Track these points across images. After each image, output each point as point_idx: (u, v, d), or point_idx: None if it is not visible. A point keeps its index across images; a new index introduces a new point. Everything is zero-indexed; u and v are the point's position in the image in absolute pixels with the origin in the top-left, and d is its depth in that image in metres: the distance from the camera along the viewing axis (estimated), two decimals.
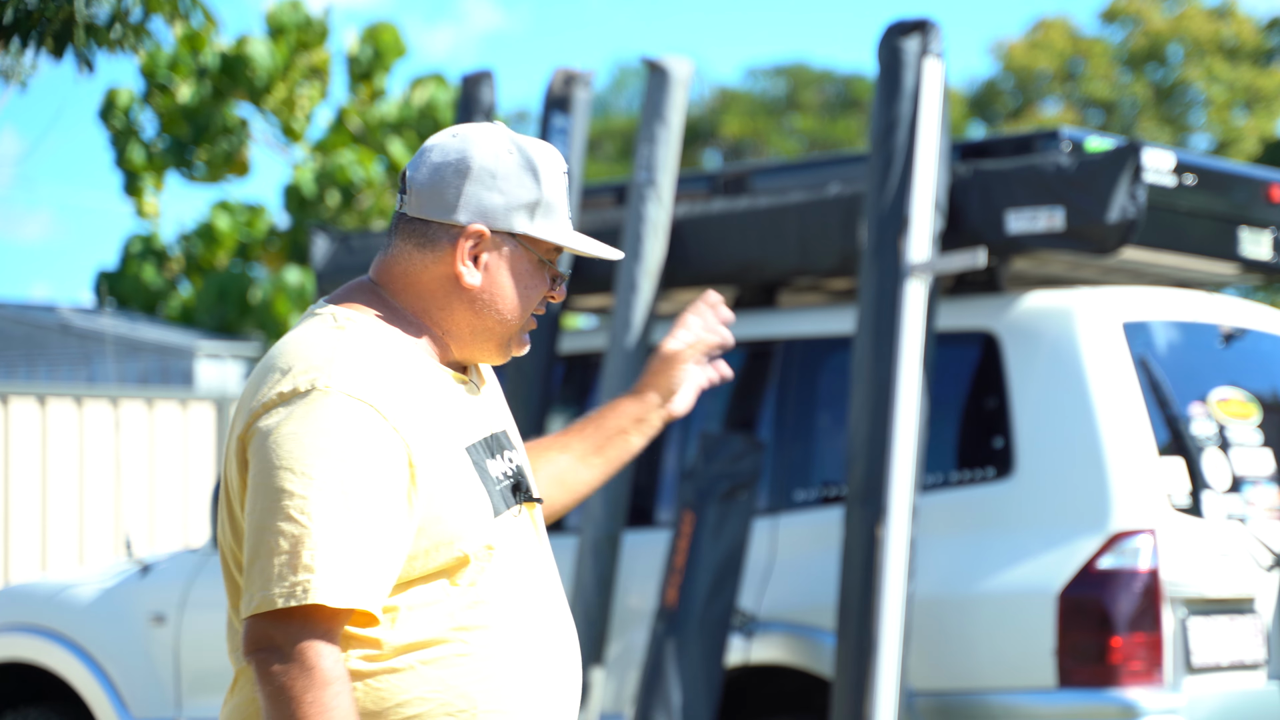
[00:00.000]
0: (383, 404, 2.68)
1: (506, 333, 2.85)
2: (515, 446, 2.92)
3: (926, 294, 6.02)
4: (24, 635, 7.34)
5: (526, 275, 2.84)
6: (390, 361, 2.74)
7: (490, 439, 2.84)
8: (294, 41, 25.48)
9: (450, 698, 2.70)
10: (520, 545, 2.82)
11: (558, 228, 2.84)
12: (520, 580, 2.79)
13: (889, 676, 5.74)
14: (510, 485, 2.83)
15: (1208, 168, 6.43)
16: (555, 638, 2.83)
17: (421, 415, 2.72)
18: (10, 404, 11.73)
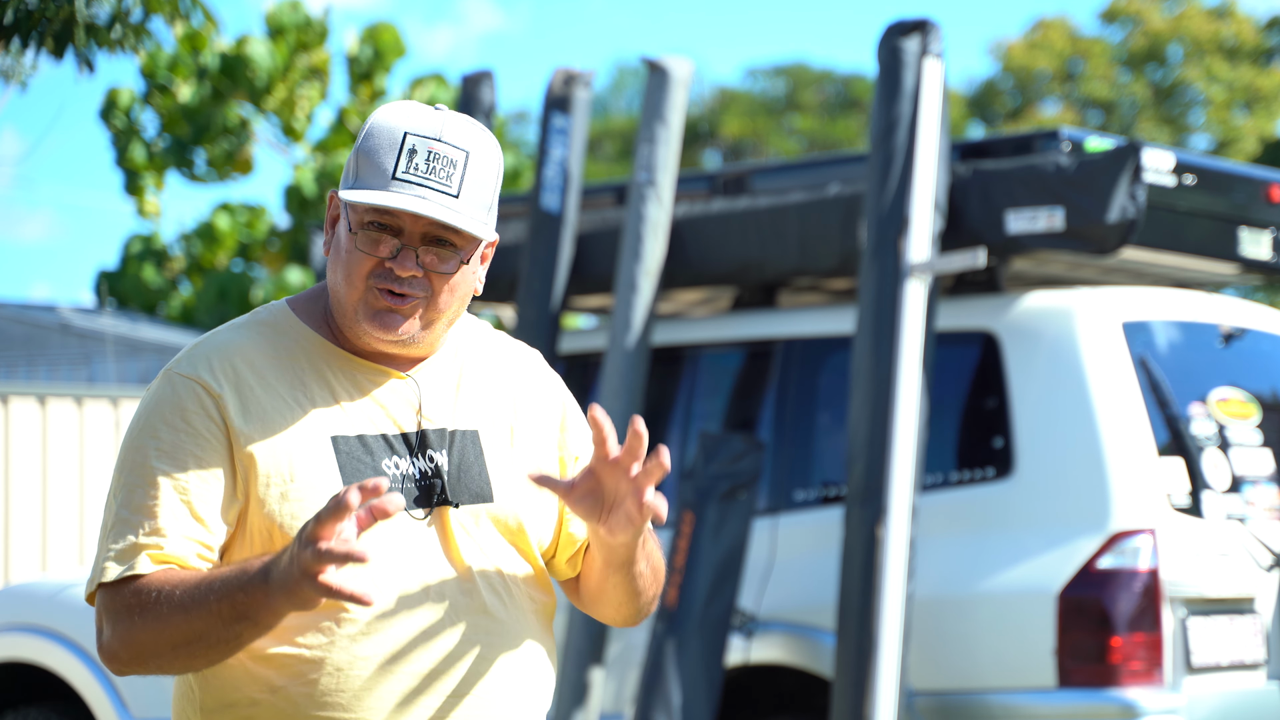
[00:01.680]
0: (212, 379, 2.68)
1: (346, 305, 2.71)
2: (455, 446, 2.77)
3: (926, 294, 6.02)
4: (24, 635, 7.34)
5: (346, 238, 2.71)
6: (248, 345, 2.73)
7: (399, 436, 2.73)
8: (294, 42, 25.49)
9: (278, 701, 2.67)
10: (406, 552, 2.70)
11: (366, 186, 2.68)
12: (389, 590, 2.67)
13: (889, 676, 5.75)
14: (416, 486, 2.72)
15: (1208, 168, 6.43)
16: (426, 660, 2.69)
17: (268, 400, 2.69)
18: (10, 404, 11.73)
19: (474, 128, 2.74)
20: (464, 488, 2.75)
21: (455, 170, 2.69)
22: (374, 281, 2.69)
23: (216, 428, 2.67)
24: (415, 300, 2.71)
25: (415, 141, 2.68)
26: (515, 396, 2.86)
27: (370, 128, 2.71)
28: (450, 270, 2.71)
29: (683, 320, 6.92)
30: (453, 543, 2.73)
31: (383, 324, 2.70)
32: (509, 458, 2.81)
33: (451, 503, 2.74)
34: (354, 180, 2.69)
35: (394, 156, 2.67)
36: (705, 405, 6.69)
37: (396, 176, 2.67)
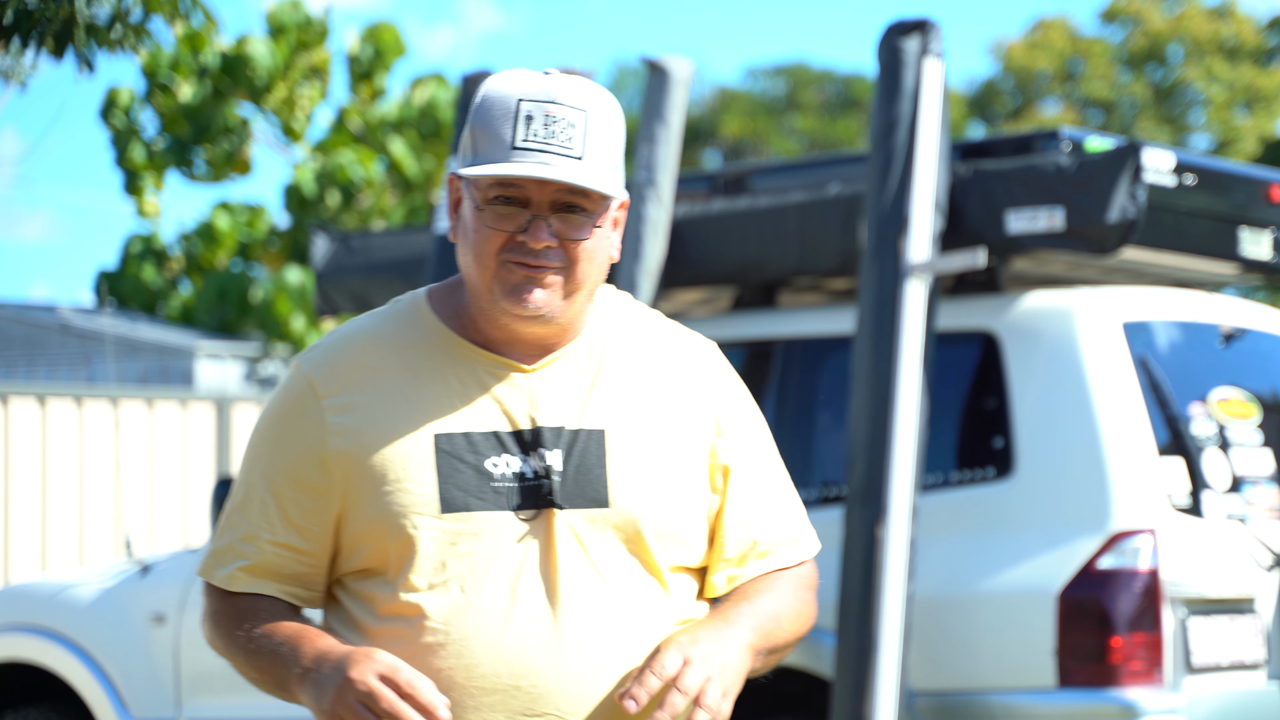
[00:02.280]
0: (323, 377, 2.66)
1: (480, 287, 2.62)
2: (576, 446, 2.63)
3: (926, 294, 6.02)
4: (24, 635, 7.34)
5: (472, 217, 2.61)
6: (372, 338, 2.68)
7: (512, 434, 2.62)
8: (294, 41, 25.49)
9: None
10: (506, 556, 2.59)
11: (486, 160, 2.58)
12: (482, 595, 2.57)
13: (889, 676, 5.74)
14: (523, 487, 2.60)
15: (1208, 168, 6.43)
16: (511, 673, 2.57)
17: (377, 397, 2.63)
18: (10, 404, 11.73)
19: (589, 86, 2.62)
20: (578, 491, 2.61)
21: (576, 131, 2.57)
22: (506, 256, 2.59)
23: (317, 429, 2.63)
24: (552, 271, 2.60)
25: (530, 107, 2.56)
26: (662, 393, 2.70)
27: (482, 100, 2.59)
28: (584, 235, 2.59)
29: (683, 320, 6.92)
30: (554, 551, 2.60)
31: (521, 298, 2.59)
32: (639, 461, 2.65)
33: (557, 505, 2.60)
34: (473, 156, 2.59)
35: (510, 125, 2.56)
36: None
37: (516, 145, 2.56)
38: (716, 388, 2.77)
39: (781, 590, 2.75)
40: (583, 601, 2.59)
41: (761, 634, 2.67)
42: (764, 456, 2.79)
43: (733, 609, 2.67)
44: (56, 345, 25.67)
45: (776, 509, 2.78)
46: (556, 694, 2.58)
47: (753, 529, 2.74)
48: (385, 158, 25.71)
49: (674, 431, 2.69)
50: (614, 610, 2.61)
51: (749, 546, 2.74)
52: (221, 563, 2.68)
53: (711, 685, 2.54)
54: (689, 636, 2.57)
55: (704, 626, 2.61)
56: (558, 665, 2.58)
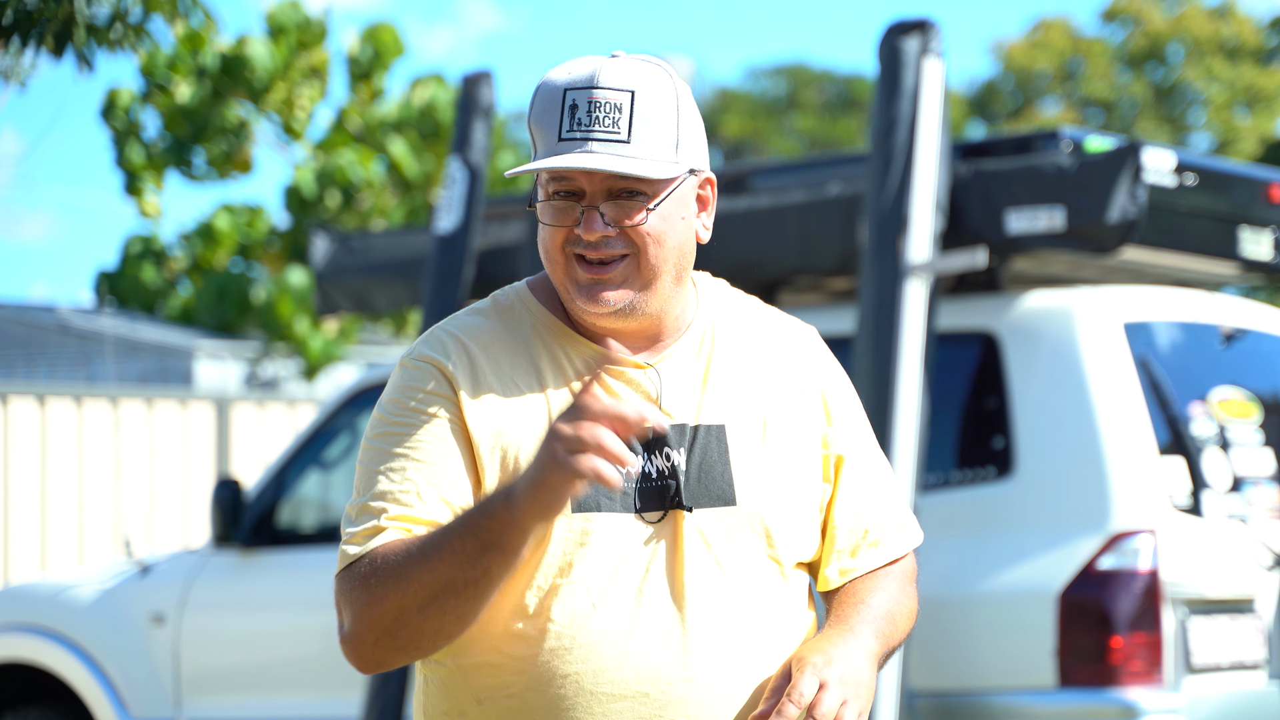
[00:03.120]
0: (443, 359, 2.55)
1: (559, 285, 2.56)
2: (697, 443, 2.56)
3: (926, 294, 6.02)
4: (24, 635, 7.34)
5: (542, 214, 2.56)
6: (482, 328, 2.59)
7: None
8: (294, 41, 25.49)
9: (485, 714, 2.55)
10: (631, 558, 2.51)
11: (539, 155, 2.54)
12: (606, 599, 2.50)
13: (889, 676, 5.74)
14: (649, 488, 2.54)
15: (1208, 167, 6.43)
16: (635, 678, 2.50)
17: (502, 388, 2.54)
18: (10, 404, 11.72)
19: (640, 64, 2.55)
20: (703, 490, 2.55)
21: (621, 114, 2.50)
22: (570, 249, 2.54)
23: (452, 404, 2.52)
24: (618, 263, 2.54)
25: (574, 96, 2.51)
26: (774, 383, 2.65)
27: (536, 94, 2.56)
28: (640, 220, 2.54)
29: None
30: (681, 553, 2.53)
31: (592, 298, 2.53)
32: (759, 455, 2.59)
33: (685, 507, 2.53)
34: (533, 154, 2.55)
35: (558, 118, 2.52)
36: None
37: (562, 137, 2.51)
38: (824, 374, 2.71)
39: (891, 588, 2.69)
40: (709, 606, 2.53)
41: (883, 639, 2.63)
42: (870, 444, 2.74)
43: (854, 615, 2.62)
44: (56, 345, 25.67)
45: (885, 497, 2.72)
46: (684, 701, 2.52)
47: (864, 518, 2.68)
48: (385, 158, 25.71)
49: (790, 422, 2.63)
50: (740, 613, 2.55)
51: (861, 536, 2.68)
52: (366, 540, 2.48)
53: (848, 709, 2.49)
54: (822, 656, 2.51)
55: (834, 641, 2.55)
56: (686, 672, 2.51)
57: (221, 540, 7.05)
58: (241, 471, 12.43)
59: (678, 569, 2.53)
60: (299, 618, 6.92)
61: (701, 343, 2.64)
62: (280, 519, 7.16)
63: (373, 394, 7.17)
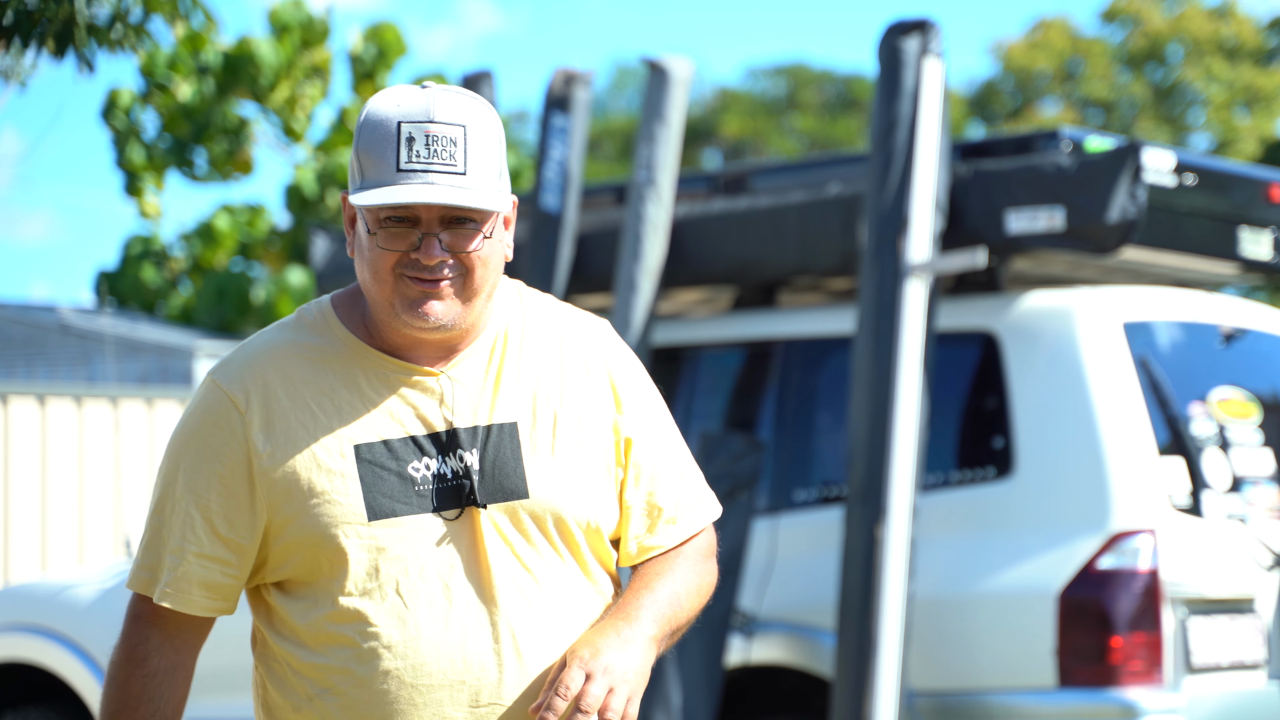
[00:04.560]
0: (241, 393, 2.72)
1: (380, 301, 2.69)
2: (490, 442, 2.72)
3: (926, 294, 6.02)
4: (24, 635, 7.34)
5: (365, 239, 2.68)
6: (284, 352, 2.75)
7: (429, 436, 2.71)
8: (297, 39, 25.50)
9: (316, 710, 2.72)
10: (434, 557, 2.69)
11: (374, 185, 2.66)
12: (415, 598, 2.67)
13: (889, 676, 5.75)
14: (445, 488, 2.70)
15: (1208, 168, 6.43)
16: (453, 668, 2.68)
17: (294, 411, 2.71)
18: (10, 404, 11.73)
19: (465, 98, 2.69)
20: (497, 485, 2.71)
21: (456, 147, 2.65)
22: (401, 271, 2.67)
23: (239, 444, 2.70)
24: (448, 282, 2.68)
25: (410, 129, 2.64)
26: (564, 378, 2.80)
27: (363, 124, 2.68)
28: (474, 247, 2.68)
29: (683, 320, 6.92)
30: (481, 546, 2.70)
31: (421, 312, 2.67)
32: (550, 448, 2.75)
33: (479, 504, 2.70)
34: (361, 181, 2.67)
35: (393, 149, 2.64)
36: (705, 405, 6.69)
37: (401, 169, 2.63)
38: (614, 364, 2.85)
39: (681, 569, 2.84)
40: (513, 594, 2.70)
41: (664, 621, 2.76)
42: (663, 427, 2.88)
43: (634, 602, 2.76)
44: (56, 345, 25.68)
45: (679, 476, 2.87)
46: (499, 685, 2.69)
47: (658, 497, 2.84)
48: None
49: (580, 414, 2.78)
50: (541, 600, 2.72)
51: (657, 515, 2.84)
52: (153, 576, 2.75)
53: (615, 697, 2.64)
54: (590, 649, 2.66)
55: (605, 632, 2.70)
56: (498, 658, 2.69)
57: None
58: None
59: (481, 563, 2.70)
60: None
61: (494, 347, 2.78)
62: None
63: None
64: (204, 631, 2.80)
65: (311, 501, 2.68)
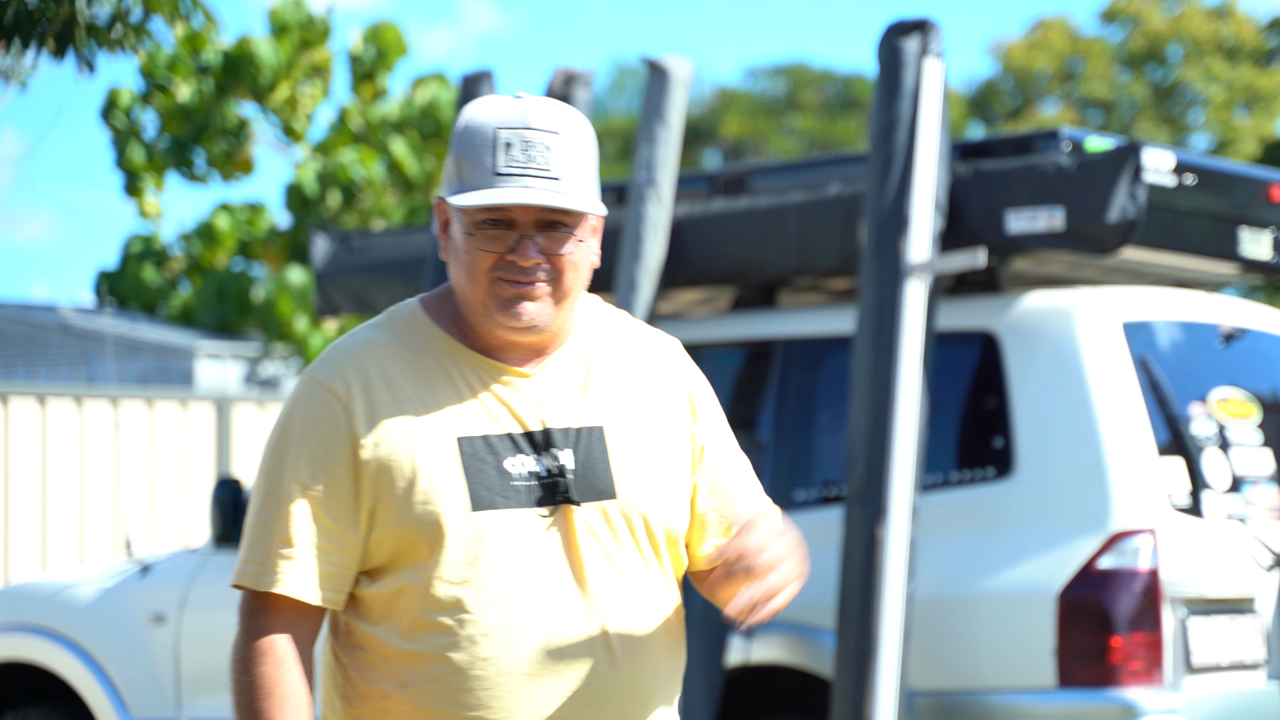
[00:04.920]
0: (343, 386, 2.80)
1: (474, 302, 2.81)
2: (580, 444, 2.84)
3: (926, 294, 6.02)
4: (24, 635, 7.35)
5: (462, 240, 2.80)
6: (381, 347, 2.83)
7: (524, 435, 2.81)
8: (297, 39, 25.49)
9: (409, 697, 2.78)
10: (530, 551, 2.78)
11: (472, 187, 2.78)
12: (511, 589, 2.77)
13: (889, 676, 5.75)
14: (540, 485, 2.81)
15: (1208, 168, 6.43)
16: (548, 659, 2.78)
17: (396, 403, 2.79)
18: (10, 404, 11.73)
19: (558, 107, 2.82)
20: (588, 485, 2.82)
21: (551, 153, 2.77)
22: (497, 274, 2.78)
23: (343, 434, 2.78)
24: (541, 284, 2.79)
25: (508, 134, 2.77)
26: (645, 388, 2.92)
27: (462, 131, 2.80)
28: (568, 250, 2.79)
29: (683, 320, 6.92)
30: (575, 542, 2.81)
31: (514, 312, 2.79)
32: (635, 453, 2.87)
33: (574, 501, 2.81)
34: (459, 184, 2.79)
35: (491, 153, 2.77)
36: None
37: (498, 172, 2.76)
38: (689, 380, 2.99)
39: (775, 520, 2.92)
40: (606, 590, 2.81)
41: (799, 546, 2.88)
42: (731, 443, 3.03)
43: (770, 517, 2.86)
44: (56, 345, 25.68)
45: (747, 487, 3.01)
46: (591, 675, 2.79)
47: (732, 505, 2.97)
48: (386, 158, 25.71)
49: (660, 424, 2.91)
50: (628, 593, 2.83)
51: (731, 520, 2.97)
52: (264, 569, 2.79)
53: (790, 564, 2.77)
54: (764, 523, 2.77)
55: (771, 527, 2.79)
56: (590, 649, 2.79)
57: (222, 540, 7.05)
58: (242, 471, 12.44)
59: (574, 557, 2.81)
60: None
61: (581, 353, 2.90)
62: None
63: None
64: (317, 625, 2.83)
65: (417, 489, 2.76)
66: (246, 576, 2.80)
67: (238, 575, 2.81)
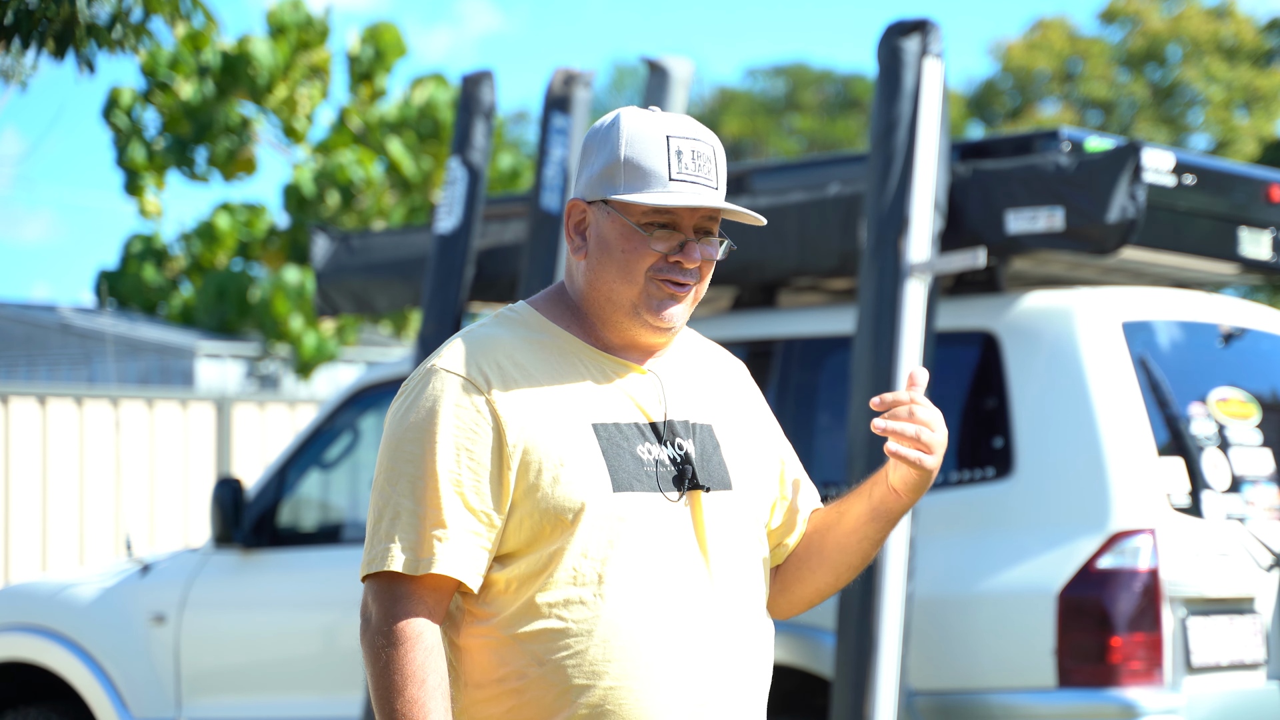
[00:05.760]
0: (479, 375, 2.88)
1: (622, 300, 2.92)
2: (697, 437, 2.98)
3: (926, 294, 6.02)
4: (24, 635, 7.35)
5: (621, 239, 2.91)
6: (506, 340, 2.93)
7: (649, 425, 2.93)
8: (295, 40, 25.49)
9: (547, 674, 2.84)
10: (663, 531, 2.89)
11: (645, 189, 2.90)
12: (648, 566, 2.87)
13: (889, 676, 5.75)
14: (670, 472, 2.92)
15: (1207, 168, 6.43)
16: (684, 632, 2.88)
17: (532, 390, 2.88)
18: (10, 404, 11.73)
19: (701, 123, 2.99)
20: (709, 475, 2.96)
21: (711, 164, 2.94)
22: (654, 274, 2.92)
23: (486, 421, 2.86)
24: (691, 287, 2.95)
25: (679, 144, 2.92)
26: (733, 395, 3.10)
27: (629, 137, 2.92)
28: (720, 256, 2.96)
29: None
30: (702, 526, 2.94)
31: (665, 315, 2.93)
32: (740, 449, 3.03)
33: (703, 487, 2.94)
34: (623, 185, 2.91)
35: (664, 159, 2.91)
36: None
37: (674, 177, 2.90)
38: (756, 392, 3.20)
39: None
40: (728, 571, 2.95)
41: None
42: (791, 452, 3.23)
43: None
44: (56, 345, 25.68)
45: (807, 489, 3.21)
46: (717, 644, 2.91)
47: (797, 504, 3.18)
48: (385, 158, 25.71)
49: (750, 428, 3.10)
50: (744, 575, 2.98)
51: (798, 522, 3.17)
52: (419, 553, 2.83)
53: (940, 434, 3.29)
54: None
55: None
56: (715, 626, 2.91)
57: (222, 540, 7.05)
58: (242, 471, 12.44)
59: (703, 541, 2.93)
60: (299, 617, 6.91)
61: (682, 357, 3.06)
62: (281, 519, 7.17)
63: (373, 393, 7.17)
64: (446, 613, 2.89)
65: (561, 470, 2.85)
66: (398, 561, 2.82)
67: (382, 561, 2.83)
